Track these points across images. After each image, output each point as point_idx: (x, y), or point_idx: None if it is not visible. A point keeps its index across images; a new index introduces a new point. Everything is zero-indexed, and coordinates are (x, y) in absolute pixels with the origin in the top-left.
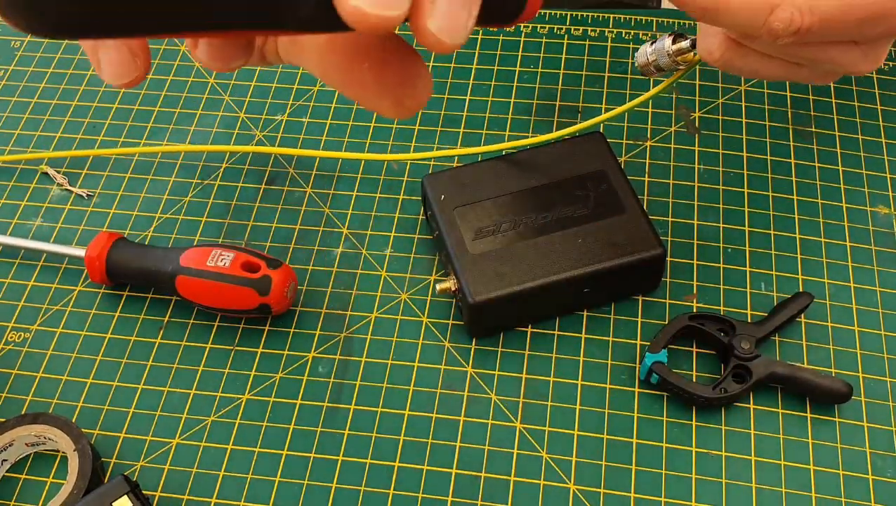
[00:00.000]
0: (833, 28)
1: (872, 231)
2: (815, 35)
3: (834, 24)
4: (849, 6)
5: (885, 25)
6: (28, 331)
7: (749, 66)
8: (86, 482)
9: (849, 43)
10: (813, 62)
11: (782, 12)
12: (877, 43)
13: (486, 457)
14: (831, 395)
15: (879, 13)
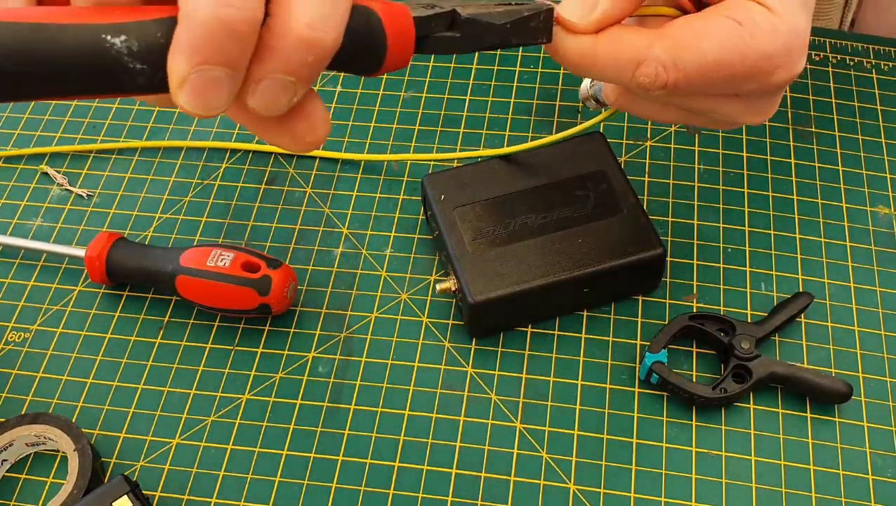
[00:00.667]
0: (703, 83)
1: (872, 231)
2: (685, 89)
3: (702, 80)
4: (715, 63)
5: (756, 83)
6: (28, 331)
7: (645, 112)
8: (86, 482)
9: (730, 95)
10: (698, 112)
11: (646, 67)
12: (758, 98)
13: (486, 457)
14: (831, 395)
15: (747, 72)
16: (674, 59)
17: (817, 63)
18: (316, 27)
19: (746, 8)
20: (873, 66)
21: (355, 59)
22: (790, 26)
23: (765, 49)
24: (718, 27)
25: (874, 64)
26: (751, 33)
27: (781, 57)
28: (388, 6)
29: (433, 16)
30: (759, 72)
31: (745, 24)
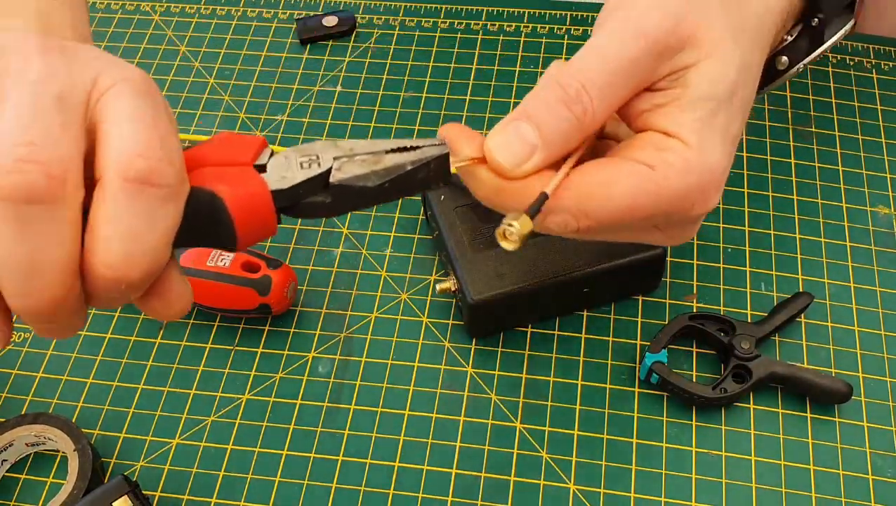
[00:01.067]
0: (615, 226)
1: (872, 231)
2: (599, 231)
3: (615, 224)
4: (627, 209)
5: (671, 220)
6: (28, 331)
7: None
8: (86, 482)
9: (648, 227)
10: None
11: (555, 216)
12: (676, 228)
13: (486, 457)
14: (831, 395)
15: (661, 213)
16: (583, 209)
17: (817, 63)
18: (117, 267)
19: (659, 147)
20: (873, 66)
21: (204, 240)
22: (705, 164)
23: (678, 191)
24: (628, 174)
25: (874, 64)
26: (663, 176)
27: (696, 195)
28: (237, 187)
29: (300, 184)
30: (674, 210)
31: (657, 167)
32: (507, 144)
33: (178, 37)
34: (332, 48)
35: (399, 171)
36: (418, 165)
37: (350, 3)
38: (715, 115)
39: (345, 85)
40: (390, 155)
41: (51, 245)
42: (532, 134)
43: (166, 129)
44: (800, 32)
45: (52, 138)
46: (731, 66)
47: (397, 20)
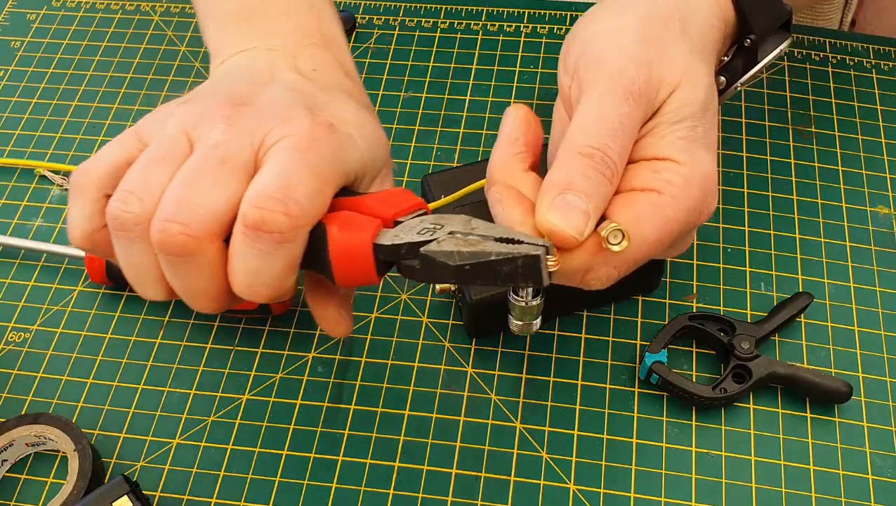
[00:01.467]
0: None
1: (872, 231)
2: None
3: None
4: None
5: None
6: (28, 331)
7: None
8: (86, 482)
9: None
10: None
11: (597, 272)
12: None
13: (486, 457)
14: (831, 395)
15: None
16: (623, 258)
17: (817, 63)
18: (246, 294)
19: (656, 170)
20: (873, 66)
21: (317, 269)
22: (700, 174)
23: (687, 204)
24: (646, 206)
25: (874, 64)
26: (671, 196)
27: (701, 203)
28: (345, 231)
29: (402, 245)
30: (689, 225)
31: (663, 190)
32: (568, 219)
33: (178, 37)
34: None
35: (482, 257)
36: (503, 259)
37: (350, 3)
38: (695, 130)
39: None
40: (491, 243)
41: (197, 280)
42: (583, 203)
43: (297, 180)
44: (734, 53)
45: (200, 199)
46: (700, 87)
47: (397, 20)
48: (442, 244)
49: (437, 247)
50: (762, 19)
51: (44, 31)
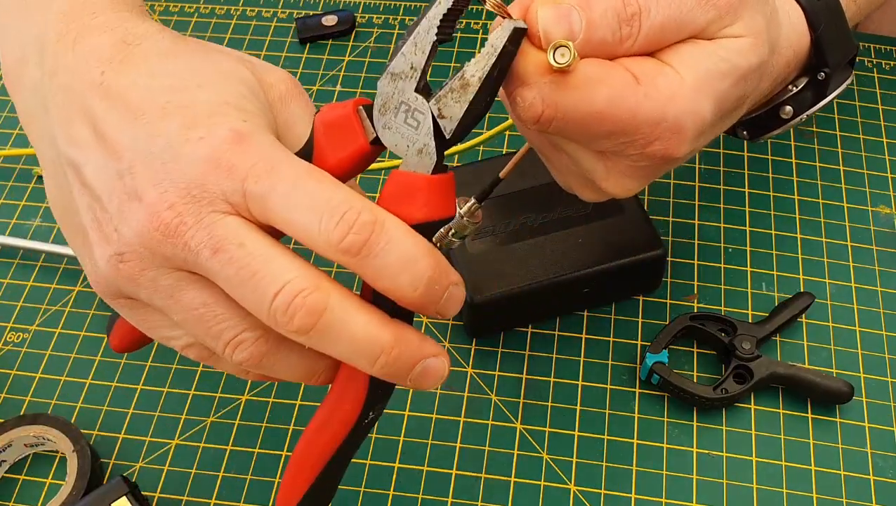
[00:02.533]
0: (578, 131)
1: (874, 231)
2: (556, 130)
3: (578, 128)
4: (599, 114)
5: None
6: (27, 331)
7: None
8: (85, 483)
9: (594, 151)
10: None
11: (527, 91)
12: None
13: (487, 458)
14: (832, 395)
15: (626, 130)
16: (556, 99)
17: None
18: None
19: (652, 67)
20: (874, 66)
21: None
22: (691, 104)
23: (652, 114)
24: (616, 79)
25: (875, 63)
26: (645, 93)
27: (667, 129)
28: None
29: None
30: (639, 135)
31: (643, 82)
32: (554, 19)
33: None
34: (331, 47)
35: (490, 83)
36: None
37: (349, 3)
38: (722, 79)
39: (344, 84)
40: (469, 68)
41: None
42: (578, 24)
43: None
44: (805, 85)
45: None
46: (756, 55)
47: (397, 19)
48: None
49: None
50: (837, 54)
51: None
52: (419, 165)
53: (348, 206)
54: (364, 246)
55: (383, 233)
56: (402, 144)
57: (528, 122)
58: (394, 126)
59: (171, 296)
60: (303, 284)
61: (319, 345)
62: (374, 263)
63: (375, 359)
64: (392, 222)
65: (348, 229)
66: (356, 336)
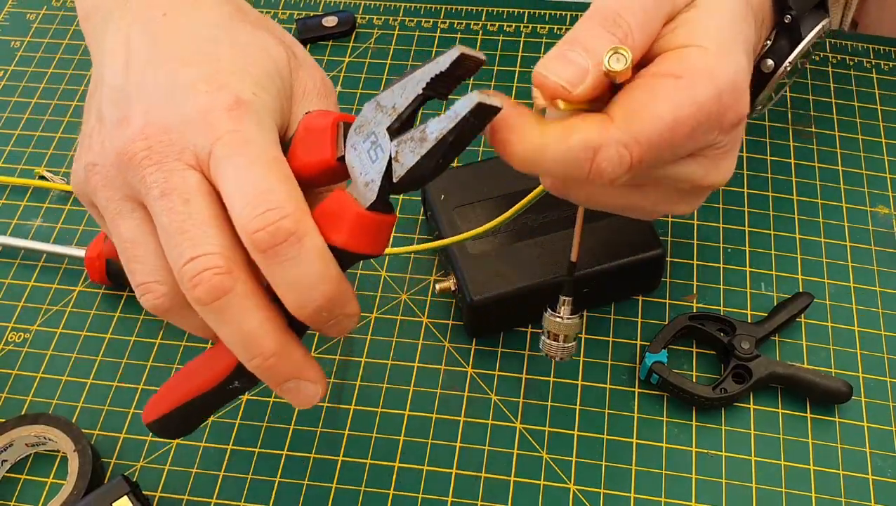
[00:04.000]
0: (666, 150)
1: (872, 231)
2: (650, 164)
3: (665, 146)
4: (674, 123)
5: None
6: (28, 331)
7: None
8: (86, 483)
9: (688, 157)
10: (657, 184)
11: (607, 151)
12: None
13: (486, 457)
14: (831, 395)
15: (703, 121)
16: (633, 135)
17: (817, 63)
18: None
19: (680, 58)
20: (873, 66)
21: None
22: (728, 65)
23: (709, 95)
24: (661, 88)
25: (874, 64)
26: (691, 83)
27: (728, 96)
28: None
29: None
30: (712, 116)
31: (683, 75)
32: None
33: None
34: (331, 48)
35: (444, 144)
36: (459, 129)
37: (350, 4)
38: (733, 24)
39: (345, 85)
40: (431, 124)
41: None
42: (582, 57)
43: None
44: (777, 33)
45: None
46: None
47: (397, 20)
48: (402, 161)
49: (403, 169)
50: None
51: (44, 32)
52: (361, 195)
53: (277, 205)
54: (271, 249)
55: (296, 246)
56: (358, 170)
57: (623, 175)
58: (359, 149)
59: (112, 220)
60: (217, 261)
61: (209, 320)
62: (277, 268)
63: (252, 358)
64: (311, 241)
65: (263, 226)
66: (243, 329)
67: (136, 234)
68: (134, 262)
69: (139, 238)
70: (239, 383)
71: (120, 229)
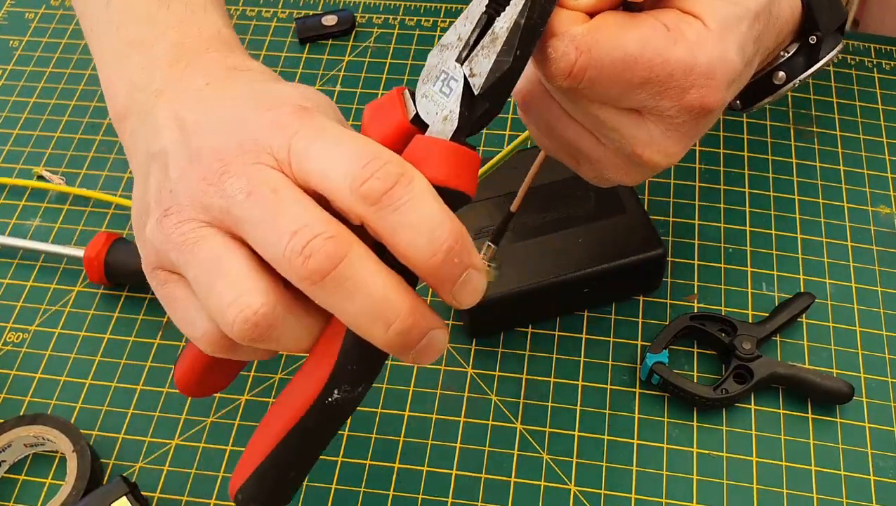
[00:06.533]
0: (612, 81)
1: (874, 231)
2: (590, 83)
3: (613, 76)
4: (632, 59)
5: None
6: (26, 331)
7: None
8: (84, 483)
9: (635, 113)
10: (596, 124)
11: (559, 41)
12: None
13: (487, 458)
14: (832, 395)
15: (661, 79)
16: (589, 44)
17: None
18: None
19: (680, 18)
20: (875, 66)
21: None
22: (719, 50)
23: (684, 60)
24: (645, 25)
25: (876, 63)
26: (675, 39)
27: (700, 74)
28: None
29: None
30: (673, 83)
31: (672, 30)
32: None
33: None
34: (331, 47)
35: (517, 31)
36: (527, 10)
37: (349, 3)
38: (739, 22)
39: (344, 84)
40: (498, 21)
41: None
42: None
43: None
44: (797, 49)
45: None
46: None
47: (397, 19)
48: (478, 71)
49: (481, 77)
50: (826, 18)
51: (42, 31)
52: (442, 132)
53: (376, 155)
54: (385, 195)
55: (409, 187)
56: (433, 112)
57: (562, 75)
58: (430, 94)
59: (191, 250)
60: (323, 227)
61: (332, 297)
62: (393, 217)
63: (390, 324)
64: (420, 181)
65: (371, 174)
66: (374, 294)
67: (220, 250)
68: (219, 279)
69: (224, 253)
70: (339, 392)
71: (202, 252)
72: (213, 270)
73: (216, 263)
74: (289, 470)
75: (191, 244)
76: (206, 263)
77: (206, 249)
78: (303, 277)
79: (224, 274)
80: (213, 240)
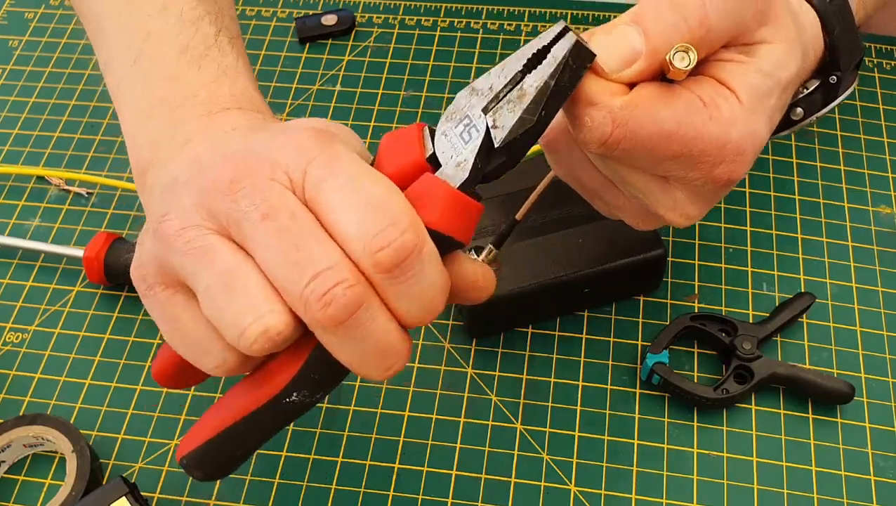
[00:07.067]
0: (645, 153)
1: (874, 231)
2: (623, 153)
3: (646, 149)
4: (667, 134)
5: (696, 170)
6: (26, 331)
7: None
8: (84, 484)
9: (660, 178)
10: (622, 182)
11: (597, 112)
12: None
13: (487, 458)
14: (833, 395)
15: (693, 154)
16: (626, 118)
17: None
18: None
19: (715, 90)
20: (875, 66)
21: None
22: (751, 125)
23: (718, 136)
24: (682, 100)
25: (876, 63)
26: (710, 116)
27: (732, 151)
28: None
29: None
30: (705, 158)
31: (708, 105)
32: (610, 45)
33: None
34: (331, 47)
35: (546, 91)
36: (559, 73)
37: (349, 2)
38: (770, 95)
39: (344, 84)
40: (528, 78)
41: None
42: (637, 39)
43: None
44: (817, 87)
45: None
46: (794, 62)
47: (397, 19)
48: (501, 125)
49: (504, 130)
50: (849, 57)
51: (42, 30)
52: (452, 177)
53: (393, 220)
54: (397, 267)
55: (419, 258)
56: (448, 153)
57: (595, 143)
58: (450, 134)
59: (201, 260)
60: (345, 274)
61: (338, 340)
62: (400, 287)
63: (389, 366)
64: (429, 250)
65: (387, 243)
66: (379, 343)
67: (233, 263)
68: (237, 295)
69: (237, 267)
70: (297, 395)
71: (214, 267)
72: (228, 285)
73: (231, 277)
74: (235, 449)
75: (200, 254)
76: (221, 276)
77: (220, 260)
78: (317, 319)
79: (241, 290)
80: (224, 251)
